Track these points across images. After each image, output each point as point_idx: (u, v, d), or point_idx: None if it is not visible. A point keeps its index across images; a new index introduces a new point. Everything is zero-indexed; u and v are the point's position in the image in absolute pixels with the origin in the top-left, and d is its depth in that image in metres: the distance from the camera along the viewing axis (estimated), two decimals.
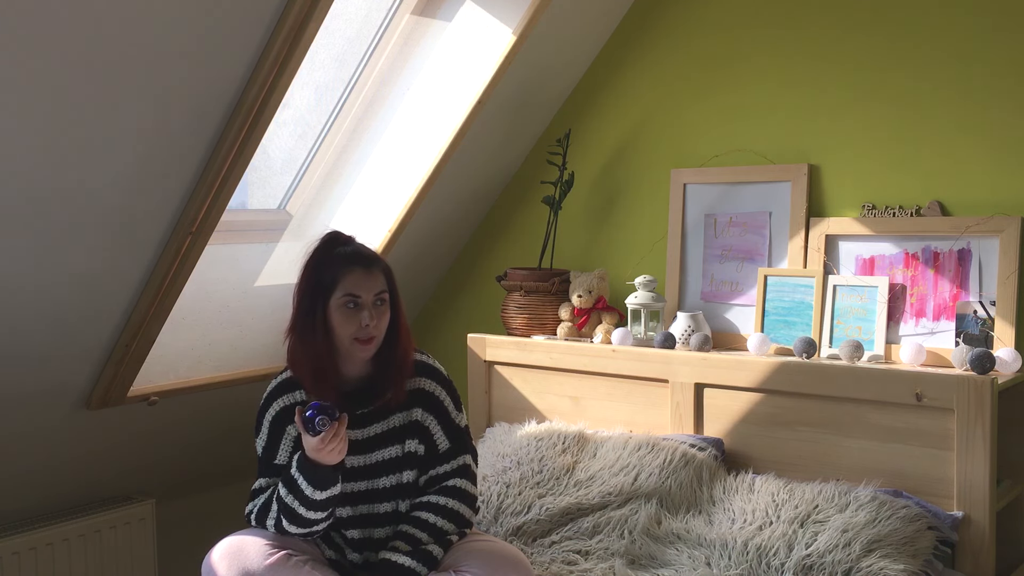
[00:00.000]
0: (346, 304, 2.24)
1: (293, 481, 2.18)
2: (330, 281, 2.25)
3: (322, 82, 3.24)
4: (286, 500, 2.20)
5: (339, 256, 2.28)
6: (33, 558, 2.89)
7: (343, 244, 2.32)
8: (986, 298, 2.80)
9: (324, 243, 2.32)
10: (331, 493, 2.19)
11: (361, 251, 2.31)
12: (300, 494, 2.17)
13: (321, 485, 2.16)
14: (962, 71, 2.87)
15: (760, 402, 2.86)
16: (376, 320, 2.25)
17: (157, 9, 2.21)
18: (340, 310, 2.24)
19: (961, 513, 2.53)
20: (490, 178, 3.71)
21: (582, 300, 3.34)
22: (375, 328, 2.24)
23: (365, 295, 2.24)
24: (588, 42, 3.49)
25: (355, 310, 2.24)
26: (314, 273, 2.28)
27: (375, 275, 2.27)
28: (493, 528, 2.68)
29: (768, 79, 3.19)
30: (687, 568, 2.44)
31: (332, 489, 2.18)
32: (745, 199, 3.23)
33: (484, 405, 3.41)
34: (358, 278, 2.25)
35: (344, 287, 2.24)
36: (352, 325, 2.24)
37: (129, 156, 2.43)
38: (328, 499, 2.19)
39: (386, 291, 2.29)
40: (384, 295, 2.28)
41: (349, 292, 2.24)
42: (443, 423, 2.36)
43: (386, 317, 2.28)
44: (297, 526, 2.21)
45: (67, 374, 2.81)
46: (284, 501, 2.20)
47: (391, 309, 2.30)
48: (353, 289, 2.24)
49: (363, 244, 2.35)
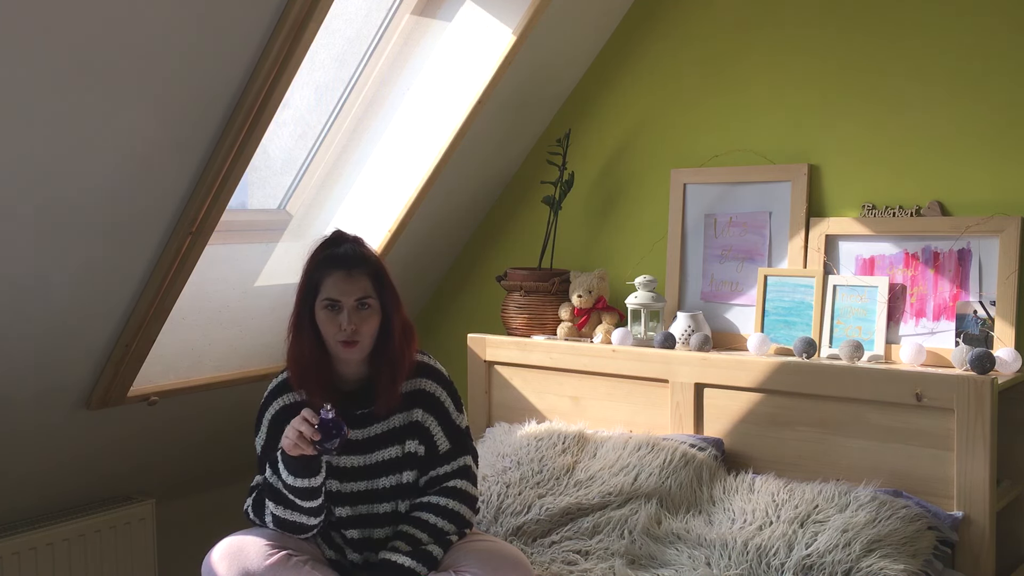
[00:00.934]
0: (326, 307, 2.25)
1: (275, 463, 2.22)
2: (316, 282, 2.27)
3: (322, 82, 3.24)
4: (271, 480, 2.23)
5: (327, 257, 2.29)
6: (33, 558, 2.89)
7: (337, 245, 2.31)
8: (986, 298, 2.80)
9: (322, 243, 2.33)
10: (306, 484, 2.18)
11: (349, 253, 2.28)
12: (281, 478, 2.20)
13: (295, 472, 2.17)
14: (962, 71, 2.87)
15: (760, 402, 2.86)
16: (357, 325, 2.24)
17: (157, 9, 2.21)
18: (323, 312, 2.26)
19: (961, 513, 2.53)
20: (490, 178, 3.71)
21: (582, 300, 3.34)
22: (354, 333, 2.23)
23: (344, 299, 2.24)
24: (588, 42, 3.49)
25: (335, 313, 2.25)
26: (307, 273, 2.30)
27: (357, 279, 2.25)
28: (493, 528, 2.68)
29: (768, 79, 3.19)
30: (687, 568, 2.44)
31: (310, 480, 2.18)
32: (745, 199, 3.23)
33: (484, 405, 3.41)
34: (337, 281, 2.25)
35: (325, 290, 2.26)
36: (332, 327, 2.25)
37: (129, 156, 2.43)
38: (305, 489, 2.18)
39: (370, 296, 2.26)
40: (368, 300, 2.26)
41: (328, 296, 2.25)
42: (444, 424, 2.35)
43: (371, 321, 2.26)
44: (285, 507, 2.22)
45: (67, 374, 2.81)
46: (270, 481, 2.23)
47: (383, 312, 2.29)
48: (331, 293, 2.25)
49: (359, 246, 2.33)
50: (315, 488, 2.20)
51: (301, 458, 2.16)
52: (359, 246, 2.33)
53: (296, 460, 2.17)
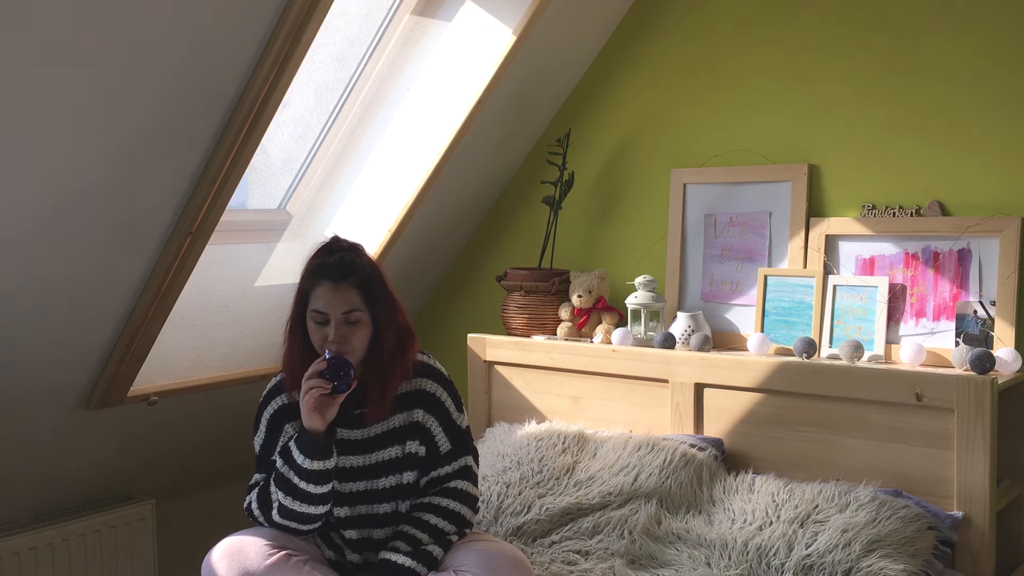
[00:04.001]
0: (313, 319, 2.26)
1: (288, 451, 2.21)
2: (307, 292, 2.27)
3: (322, 82, 3.24)
4: (281, 470, 2.22)
5: (317, 267, 2.27)
6: (33, 558, 2.89)
7: (330, 254, 2.29)
8: (986, 298, 2.80)
9: (318, 250, 2.32)
10: (322, 466, 2.18)
11: (338, 264, 2.26)
12: (294, 463, 2.19)
13: (311, 454, 2.17)
14: (962, 71, 2.87)
15: (760, 402, 2.86)
16: (344, 336, 2.23)
17: (157, 9, 2.21)
18: (311, 323, 2.27)
19: (961, 513, 2.53)
20: (490, 178, 3.71)
21: (582, 300, 3.34)
22: (340, 345, 2.23)
23: (331, 312, 2.23)
24: (588, 42, 3.49)
25: (322, 326, 2.25)
26: (301, 280, 2.30)
27: (345, 291, 2.23)
28: (493, 528, 2.68)
29: (768, 79, 3.19)
30: (687, 568, 2.44)
31: (324, 462, 2.18)
32: (745, 199, 3.23)
33: (484, 405, 3.41)
34: (325, 293, 2.24)
35: (313, 301, 2.26)
36: (319, 338, 2.25)
37: (129, 156, 2.43)
38: (320, 472, 2.18)
39: (358, 309, 2.24)
40: (355, 313, 2.24)
41: (315, 308, 2.25)
42: (444, 424, 2.35)
43: (360, 334, 2.25)
44: (294, 499, 2.21)
45: (67, 374, 2.81)
46: (280, 471, 2.22)
47: (373, 323, 2.27)
48: (318, 305, 2.24)
49: (354, 254, 2.29)
50: (327, 471, 2.20)
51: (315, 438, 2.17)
52: (353, 254, 2.29)
53: (311, 439, 2.17)
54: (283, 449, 2.24)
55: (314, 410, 2.18)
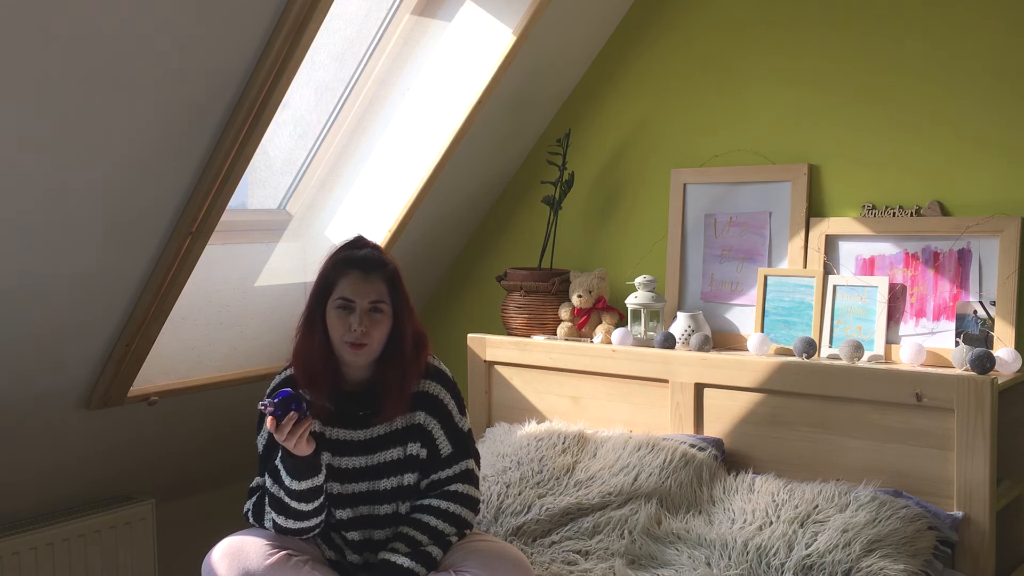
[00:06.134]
0: (339, 307, 2.25)
1: (276, 471, 2.21)
2: (331, 282, 2.28)
3: (322, 82, 3.24)
4: (272, 490, 2.22)
5: (345, 258, 2.29)
6: (33, 558, 2.89)
7: (358, 248, 2.33)
8: (986, 298, 2.80)
9: (343, 245, 2.35)
10: (310, 484, 2.18)
11: (368, 257, 2.29)
12: (282, 484, 2.19)
13: (297, 475, 2.17)
14: (962, 71, 2.87)
15: (760, 402, 2.86)
16: (367, 327, 2.23)
17: (157, 9, 2.21)
18: (334, 312, 2.26)
19: (961, 513, 2.53)
20: (490, 178, 3.71)
21: (582, 300, 3.34)
22: (363, 335, 2.23)
23: (359, 300, 2.24)
24: (588, 42, 3.49)
25: (346, 313, 2.24)
26: (323, 272, 2.30)
27: (374, 282, 2.26)
28: (493, 528, 2.68)
29: (768, 79, 3.19)
30: (687, 568, 2.44)
31: (311, 480, 2.18)
32: (745, 199, 3.23)
33: (484, 405, 3.41)
34: (353, 282, 2.25)
35: (340, 289, 2.26)
36: (342, 327, 2.24)
37: (129, 156, 2.43)
38: (309, 490, 2.18)
39: (385, 301, 2.26)
40: (382, 305, 2.26)
41: (342, 295, 2.25)
42: (446, 427, 2.35)
43: (382, 326, 2.26)
44: (287, 517, 2.22)
45: (67, 374, 2.81)
46: (271, 491, 2.23)
47: (394, 319, 2.28)
48: (346, 292, 2.25)
49: (379, 251, 2.34)
50: (317, 488, 2.20)
51: (301, 460, 2.16)
52: (380, 252, 2.34)
53: (297, 462, 2.16)
54: (271, 470, 2.23)
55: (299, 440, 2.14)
